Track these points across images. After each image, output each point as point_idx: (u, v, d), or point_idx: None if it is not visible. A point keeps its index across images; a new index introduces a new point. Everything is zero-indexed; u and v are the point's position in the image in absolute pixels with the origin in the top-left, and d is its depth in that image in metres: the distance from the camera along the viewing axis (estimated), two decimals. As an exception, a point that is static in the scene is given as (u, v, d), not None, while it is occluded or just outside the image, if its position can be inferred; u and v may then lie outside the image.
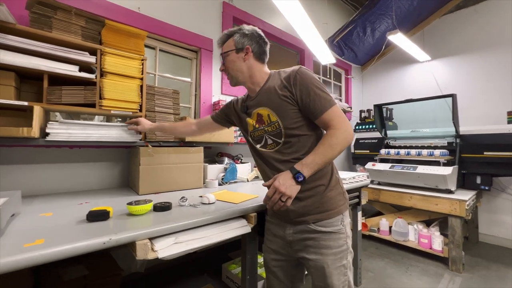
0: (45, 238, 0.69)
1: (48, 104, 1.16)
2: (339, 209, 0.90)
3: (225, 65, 0.96)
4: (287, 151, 0.88)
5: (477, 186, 2.34)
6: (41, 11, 1.15)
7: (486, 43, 2.83)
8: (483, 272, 2.07)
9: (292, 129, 0.87)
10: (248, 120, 0.98)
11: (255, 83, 0.95)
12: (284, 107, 0.87)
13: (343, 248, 0.89)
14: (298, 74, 0.85)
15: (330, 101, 0.84)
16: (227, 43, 0.95)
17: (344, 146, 0.81)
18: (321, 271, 0.86)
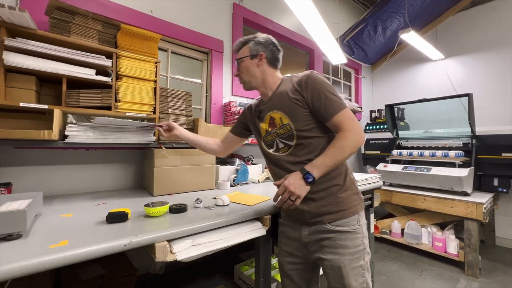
0: (68, 239, 0.70)
1: (66, 107, 1.19)
2: (354, 209, 0.90)
3: (240, 70, 1.00)
4: (300, 153, 0.89)
5: (494, 188, 2.27)
6: (60, 17, 1.18)
7: (504, 40, 2.74)
8: (501, 277, 2.00)
9: (304, 131, 0.88)
10: (261, 124, 1.00)
11: (267, 87, 0.98)
12: (295, 110, 0.88)
13: (360, 248, 0.88)
14: (309, 78, 0.87)
15: (340, 104, 0.85)
16: (242, 50, 0.99)
17: (354, 148, 0.83)
18: (337, 271, 0.86)
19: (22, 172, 1.31)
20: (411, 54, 3.41)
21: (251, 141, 1.90)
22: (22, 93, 1.11)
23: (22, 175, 1.31)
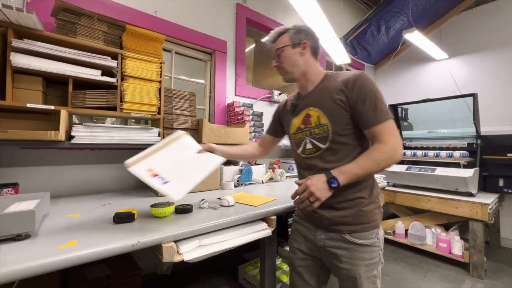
0: (77, 240, 0.71)
1: (73, 107, 1.20)
2: (375, 223, 0.87)
3: (280, 61, 0.92)
4: (330, 158, 0.85)
5: (500, 189, 2.25)
6: (66, 18, 1.19)
7: (508, 40, 2.72)
8: (507, 279, 1.99)
9: (340, 135, 0.84)
10: (294, 120, 0.96)
11: (309, 80, 0.93)
12: (336, 111, 0.83)
13: (375, 260, 0.87)
14: (358, 79, 0.81)
15: (386, 114, 0.79)
16: (280, 39, 0.92)
17: (389, 164, 0.78)
18: (352, 280, 0.85)
19: (28, 172, 1.32)
20: (414, 53, 3.40)
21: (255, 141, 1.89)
22: (29, 94, 1.12)
23: (28, 175, 1.32)
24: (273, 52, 0.95)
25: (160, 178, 0.85)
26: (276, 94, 2.44)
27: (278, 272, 1.62)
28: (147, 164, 0.89)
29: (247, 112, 1.91)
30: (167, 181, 0.85)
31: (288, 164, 2.26)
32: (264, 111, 2.25)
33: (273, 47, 0.95)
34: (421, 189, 2.40)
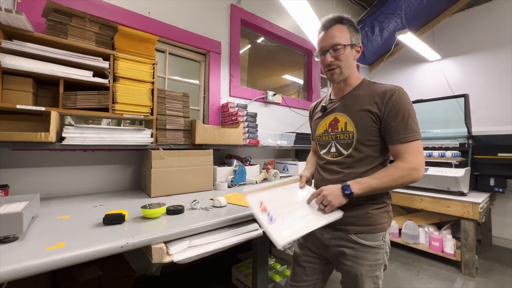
0: (65, 241, 0.71)
1: (64, 109, 1.19)
2: (382, 226, 0.88)
3: (338, 58, 0.87)
4: (348, 165, 0.88)
5: (491, 188, 2.29)
6: (57, 19, 1.19)
7: (500, 41, 2.76)
8: (498, 277, 2.02)
9: (364, 145, 0.85)
10: (321, 122, 0.98)
11: (348, 84, 0.93)
12: (365, 121, 0.84)
13: (379, 262, 0.88)
14: (395, 94, 0.81)
15: (415, 134, 0.79)
16: (341, 33, 0.86)
17: (406, 183, 0.79)
18: (354, 278, 0.87)
19: (19, 174, 1.31)
20: (408, 55, 3.43)
21: (249, 142, 1.90)
22: (19, 95, 1.12)
23: (19, 177, 1.30)
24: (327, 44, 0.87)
25: (268, 215, 0.84)
26: (271, 95, 2.45)
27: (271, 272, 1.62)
28: (261, 197, 0.90)
29: (241, 113, 1.91)
30: (274, 219, 0.82)
31: (282, 164, 2.28)
32: (259, 112, 2.26)
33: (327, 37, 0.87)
34: (414, 188, 2.43)
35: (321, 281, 1.01)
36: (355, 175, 0.86)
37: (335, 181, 0.88)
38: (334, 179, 0.90)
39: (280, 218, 0.83)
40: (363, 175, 0.85)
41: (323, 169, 0.97)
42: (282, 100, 2.59)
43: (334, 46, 0.86)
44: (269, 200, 0.89)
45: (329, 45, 0.87)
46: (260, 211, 0.84)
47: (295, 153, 2.70)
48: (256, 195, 0.90)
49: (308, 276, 0.99)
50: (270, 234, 0.77)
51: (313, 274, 1.00)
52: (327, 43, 0.87)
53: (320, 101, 1.08)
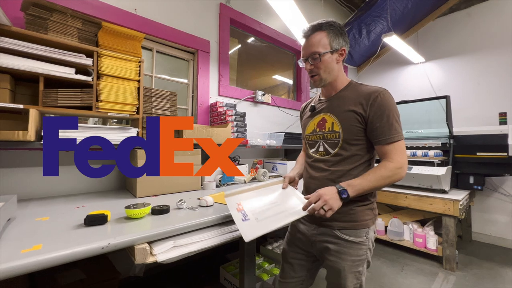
0: (42, 243, 0.68)
1: (44, 106, 1.15)
2: (365, 223, 0.90)
3: (317, 66, 0.89)
4: (335, 163, 0.91)
5: (470, 186, 2.39)
6: (36, 13, 1.14)
7: (478, 46, 2.89)
8: (476, 271, 2.11)
9: (350, 145, 0.88)
10: (310, 122, 1.01)
11: (334, 86, 0.95)
12: (351, 122, 0.87)
13: (362, 258, 0.90)
14: (380, 96, 0.84)
15: (399, 134, 0.84)
16: (319, 41, 0.88)
17: (394, 182, 0.83)
18: (337, 273, 0.90)
19: (-5, 175, 1.25)
20: (394, 57, 3.53)
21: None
22: (-5, 92, 1.07)
23: (-5, 178, 1.25)
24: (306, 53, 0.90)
25: (242, 214, 0.86)
26: (260, 95, 2.46)
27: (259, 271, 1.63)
28: (240, 198, 0.93)
29: (230, 112, 1.91)
30: (247, 219, 0.84)
31: (271, 164, 2.29)
32: (248, 111, 2.26)
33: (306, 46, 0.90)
34: (399, 187, 2.50)
35: (309, 277, 1.03)
36: (342, 173, 0.89)
37: (322, 179, 0.92)
38: (321, 177, 0.93)
39: (254, 218, 0.85)
40: (348, 172, 0.89)
41: (311, 167, 0.99)
42: (272, 100, 2.60)
43: (312, 54, 0.89)
44: (248, 201, 0.92)
45: (307, 54, 0.90)
46: (236, 211, 0.87)
47: (284, 152, 2.72)
48: (235, 197, 0.93)
49: (296, 272, 1.01)
50: (240, 230, 0.81)
51: (301, 271, 1.01)
52: (306, 52, 0.91)
53: (310, 101, 1.10)
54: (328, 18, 0.92)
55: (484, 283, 1.93)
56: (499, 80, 2.74)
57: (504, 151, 2.15)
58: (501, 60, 2.73)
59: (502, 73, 2.72)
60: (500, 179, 2.63)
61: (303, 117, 1.10)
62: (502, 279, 1.98)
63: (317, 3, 3.19)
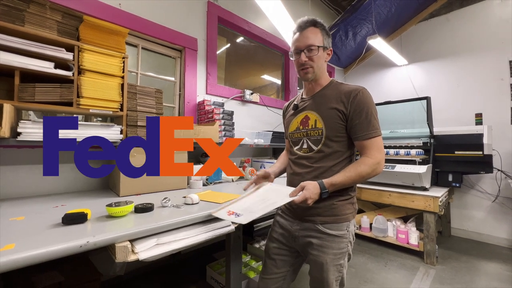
0: (15, 243, 0.65)
1: (19, 102, 1.10)
2: (346, 217, 0.93)
3: (311, 58, 0.92)
4: (317, 158, 0.94)
5: (449, 183, 2.50)
6: (11, 4, 1.09)
7: (456, 50, 3.03)
8: (454, 264, 2.21)
9: (332, 141, 0.92)
10: (293, 120, 1.02)
11: (318, 84, 0.98)
12: (333, 118, 0.90)
13: (343, 251, 0.93)
14: (359, 94, 0.88)
15: (377, 131, 0.88)
16: (315, 35, 0.92)
17: (371, 177, 0.88)
18: (320, 266, 0.91)
19: (-34, 174, 1.18)
20: (379, 59, 3.63)
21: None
22: (-35, 85, 1.01)
23: (-34, 177, 1.18)
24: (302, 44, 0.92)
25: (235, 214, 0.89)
26: (248, 94, 2.46)
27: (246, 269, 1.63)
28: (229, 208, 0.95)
29: (217, 111, 1.90)
30: (240, 215, 0.87)
31: (259, 162, 2.29)
32: (236, 111, 2.26)
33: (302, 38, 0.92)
34: (383, 185, 2.58)
35: (291, 273, 1.04)
36: (324, 169, 0.92)
37: (305, 175, 0.95)
38: (305, 173, 0.96)
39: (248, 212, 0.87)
40: (331, 169, 0.92)
41: (295, 164, 1.01)
42: (260, 99, 2.61)
43: (308, 46, 0.91)
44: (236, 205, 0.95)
45: (304, 46, 0.92)
46: (227, 215, 0.90)
47: (272, 151, 2.73)
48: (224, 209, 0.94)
49: (278, 268, 1.02)
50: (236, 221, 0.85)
51: (284, 266, 1.02)
52: (302, 44, 0.92)
53: (293, 100, 1.12)
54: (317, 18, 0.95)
55: (461, 275, 2.02)
56: (476, 83, 2.88)
57: (480, 150, 2.27)
58: (478, 63, 2.88)
59: (478, 76, 2.87)
60: (476, 177, 2.77)
61: (286, 116, 1.12)
62: (478, 271, 2.09)
63: (304, 4, 3.24)
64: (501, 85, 2.72)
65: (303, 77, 0.97)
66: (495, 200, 2.66)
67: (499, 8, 2.77)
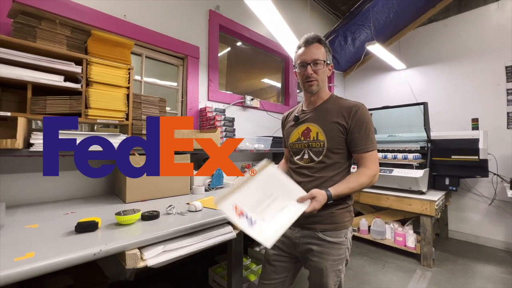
0: (35, 251, 0.71)
1: (32, 114, 1.16)
2: (344, 224, 0.99)
3: (316, 72, 0.98)
4: (318, 168, 0.99)
5: (446, 187, 2.55)
6: (25, 21, 1.15)
7: (454, 55, 3.08)
8: (451, 267, 2.26)
9: (333, 153, 0.98)
10: (294, 131, 1.08)
11: (319, 97, 1.04)
12: (334, 131, 0.97)
13: (342, 257, 0.99)
14: (359, 110, 0.95)
15: (374, 145, 0.96)
16: (321, 51, 0.98)
17: (367, 186, 0.96)
18: (320, 272, 0.97)
19: (-20, 182, 1.24)
20: (377, 63, 3.68)
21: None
22: (-19, 99, 1.07)
23: (-20, 185, 1.24)
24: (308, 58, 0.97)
25: (246, 218, 0.81)
26: (249, 100, 2.52)
27: (246, 272, 1.68)
28: (233, 200, 0.84)
29: (219, 118, 1.96)
30: (254, 222, 0.81)
31: (260, 167, 2.34)
32: (237, 116, 2.32)
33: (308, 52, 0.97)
34: (381, 188, 2.63)
35: (290, 278, 1.09)
36: (325, 179, 0.98)
37: (307, 184, 0.99)
38: (306, 182, 1.00)
39: (260, 218, 0.82)
40: (331, 178, 0.98)
41: (296, 173, 1.06)
42: (260, 104, 2.66)
43: (315, 60, 0.97)
44: (243, 200, 0.85)
45: (310, 59, 0.97)
46: (237, 216, 0.81)
47: (272, 156, 2.79)
48: (228, 200, 0.84)
49: (277, 274, 1.07)
50: (256, 238, 0.77)
51: (283, 272, 1.07)
52: (309, 57, 0.97)
53: (292, 111, 1.18)
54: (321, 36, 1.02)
55: (457, 278, 2.07)
56: (473, 87, 2.93)
57: (476, 154, 2.32)
58: (475, 68, 2.92)
59: (475, 80, 2.91)
60: (473, 180, 2.82)
61: (286, 126, 1.17)
62: (474, 274, 2.14)
63: (303, 9, 3.29)
64: (497, 90, 2.76)
65: (308, 89, 1.01)
66: (492, 203, 2.71)
67: (496, 14, 2.81)
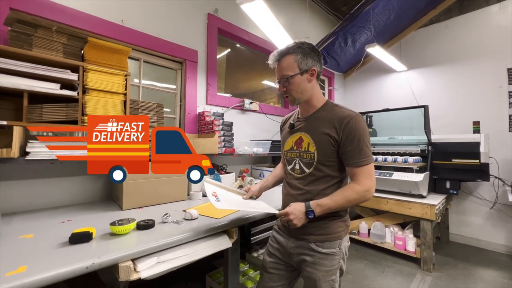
0: (27, 265, 0.71)
1: (28, 122, 1.16)
2: (338, 235, 0.98)
3: (288, 88, 0.95)
4: (309, 181, 0.98)
5: (447, 190, 2.52)
6: (21, 29, 1.15)
7: (455, 56, 3.05)
8: (451, 271, 2.24)
9: (324, 165, 0.94)
10: (289, 139, 1.06)
11: (311, 105, 0.99)
12: (325, 144, 0.93)
13: (335, 267, 0.98)
14: (352, 121, 0.89)
15: (368, 158, 0.90)
16: (288, 65, 0.93)
17: (359, 203, 0.91)
18: (313, 282, 0.97)
19: (-22, 189, 1.24)
20: (378, 65, 3.65)
21: (225, 151, 1.94)
22: (-23, 108, 1.07)
23: (-22, 193, 1.24)
24: (278, 76, 0.96)
25: (216, 198, 1.02)
26: (248, 103, 2.51)
27: (244, 278, 1.68)
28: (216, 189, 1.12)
29: (217, 122, 1.95)
30: (219, 201, 1.00)
31: (259, 170, 2.34)
32: (236, 120, 2.31)
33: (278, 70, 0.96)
34: (381, 192, 2.61)
35: (287, 286, 1.09)
36: (316, 192, 0.96)
37: (298, 196, 0.99)
38: (297, 194, 1.00)
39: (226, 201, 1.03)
40: (322, 192, 0.95)
41: (289, 185, 1.06)
42: (259, 107, 2.66)
43: (282, 77, 0.96)
44: (221, 194, 1.10)
45: (278, 77, 0.97)
46: (212, 195, 1.04)
47: (271, 159, 2.78)
48: (213, 186, 1.13)
49: (274, 282, 1.07)
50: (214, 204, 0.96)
51: (279, 280, 1.07)
52: (278, 75, 0.98)
53: (290, 117, 1.16)
54: (301, 39, 0.98)
55: (457, 283, 2.05)
56: (474, 89, 2.90)
57: (477, 158, 2.29)
58: (476, 70, 2.89)
59: (477, 82, 2.89)
60: (474, 183, 2.79)
61: (283, 132, 1.16)
62: (474, 278, 2.12)
63: (302, 10, 3.27)
64: (499, 93, 2.73)
65: (290, 104, 1.02)
66: (493, 206, 2.68)
67: (498, 16, 2.78)
